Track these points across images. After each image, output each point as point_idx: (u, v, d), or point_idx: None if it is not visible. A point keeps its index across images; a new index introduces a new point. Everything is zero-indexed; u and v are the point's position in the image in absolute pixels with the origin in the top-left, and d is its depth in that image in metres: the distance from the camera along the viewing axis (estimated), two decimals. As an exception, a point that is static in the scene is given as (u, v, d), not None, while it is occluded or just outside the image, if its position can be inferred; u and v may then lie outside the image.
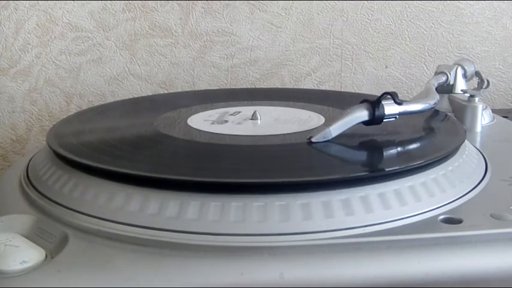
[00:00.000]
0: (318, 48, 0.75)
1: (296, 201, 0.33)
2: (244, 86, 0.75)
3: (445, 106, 0.56)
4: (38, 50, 0.73)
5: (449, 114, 0.51)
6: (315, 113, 0.50)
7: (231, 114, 0.50)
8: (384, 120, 0.42)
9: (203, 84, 0.75)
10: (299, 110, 0.52)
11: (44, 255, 0.31)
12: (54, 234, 0.33)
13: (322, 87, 0.76)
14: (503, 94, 0.78)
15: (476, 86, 0.59)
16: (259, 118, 0.48)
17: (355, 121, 0.42)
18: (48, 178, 0.39)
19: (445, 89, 0.57)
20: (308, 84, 0.76)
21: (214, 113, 0.51)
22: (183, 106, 0.54)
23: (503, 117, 0.58)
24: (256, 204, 0.33)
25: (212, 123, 0.48)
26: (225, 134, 0.45)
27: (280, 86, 0.76)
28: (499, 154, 0.45)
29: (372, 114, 0.42)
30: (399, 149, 0.42)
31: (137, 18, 0.73)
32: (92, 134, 0.45)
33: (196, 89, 0.75)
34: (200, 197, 0.33)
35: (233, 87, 0.75)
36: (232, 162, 0.39)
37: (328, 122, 0.42)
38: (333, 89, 0.76)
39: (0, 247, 0.31)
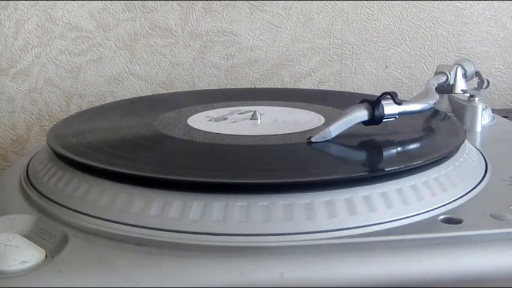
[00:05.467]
0: (318, 48, 0.75)
1: (288, 201, 0.33)
2: (244, 86, 0.75)
3: (445, 106, 0.56)
4: (38, 50, 0.73)
5: (449, 114, 0.51)
6: (315, 113, 0.50)
7: (231, 114, 0.50)
8: (384, 120, 0.42)
9: (203, 84, 0.75)
10: (299, 110, 0.52)
11: (44, 255, 0.31)
12: (54, 234, 0.33)
13: (322, 87, 0.76)
14: (503, 94, 0.78)
15: (476, 86, 0.59)
16: (259, 118, 0.48)
17: (354, 121, 0.42)
18: (48, 178, 0.39)
19: (445, 89, 0.57)
20: (308, 84, 0.76)
21: (214, 113, 0.51)
22: (183, 106, 0.54)
23: (503, 117, 0.58)
24: (260, 204, 0.33)
25: (212, 123, 0.48)
26: (225, 134, 0.45)
27: (280, 86, 0.76)
28: (499, 154, 0.45)
29: (372, 114, 0.42)
30: (399, 149, 0.42)
31: (137, 18, 0.73)
32: (92, 134, 0.45)
33: (196, 89, 0.75)
34: (202, 197, 0.33)
35: (233, 87, 0.75)
36: (232, 163, 0.39)
37: (328, 122, 0.42)
38: (333, 89, 0.76)
39: (0, 247, 0.31)
